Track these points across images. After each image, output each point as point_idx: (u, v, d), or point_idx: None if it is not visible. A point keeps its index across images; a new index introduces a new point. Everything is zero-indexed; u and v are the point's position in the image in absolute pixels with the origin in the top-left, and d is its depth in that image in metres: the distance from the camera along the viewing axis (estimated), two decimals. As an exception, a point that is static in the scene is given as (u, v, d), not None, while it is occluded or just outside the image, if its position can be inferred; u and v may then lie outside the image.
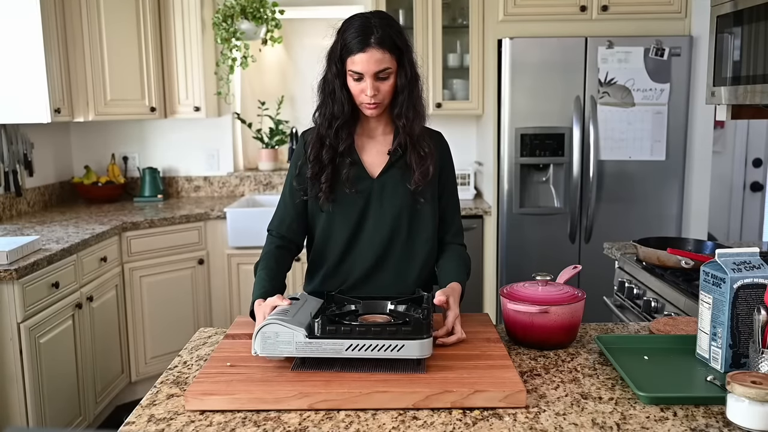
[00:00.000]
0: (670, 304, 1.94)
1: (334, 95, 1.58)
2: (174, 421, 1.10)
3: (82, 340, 2.74)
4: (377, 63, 1.50)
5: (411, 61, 1.57)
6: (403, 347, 1.20)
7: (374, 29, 1.50)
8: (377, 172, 1.63)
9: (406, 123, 1.58)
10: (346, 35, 1.53)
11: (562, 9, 3.33)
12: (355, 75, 1.53)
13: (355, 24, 1.53)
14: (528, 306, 1.39)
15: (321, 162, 1.60)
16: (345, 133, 1.60)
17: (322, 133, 1.61)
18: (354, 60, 1.51)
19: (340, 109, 1.58)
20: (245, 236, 3.40)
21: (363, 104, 1.56)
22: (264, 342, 1.21)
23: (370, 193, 1.62)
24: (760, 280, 1.22)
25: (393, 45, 1.52)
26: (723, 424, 1.06)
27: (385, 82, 1.53)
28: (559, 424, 1.07)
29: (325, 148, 1.60)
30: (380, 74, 1.51)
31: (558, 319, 1.38)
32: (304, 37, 4.07)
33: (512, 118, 3.30)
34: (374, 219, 1.63)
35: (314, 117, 1.66)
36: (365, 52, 1.49)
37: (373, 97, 1.53)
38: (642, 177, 3.35)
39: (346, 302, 1.43)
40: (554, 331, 1.39)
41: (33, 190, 3.50)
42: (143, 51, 3.49)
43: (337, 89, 1.57)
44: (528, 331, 1.40)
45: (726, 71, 2.07)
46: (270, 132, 4.02)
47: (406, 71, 1.55)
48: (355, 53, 1.50)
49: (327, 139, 1.60)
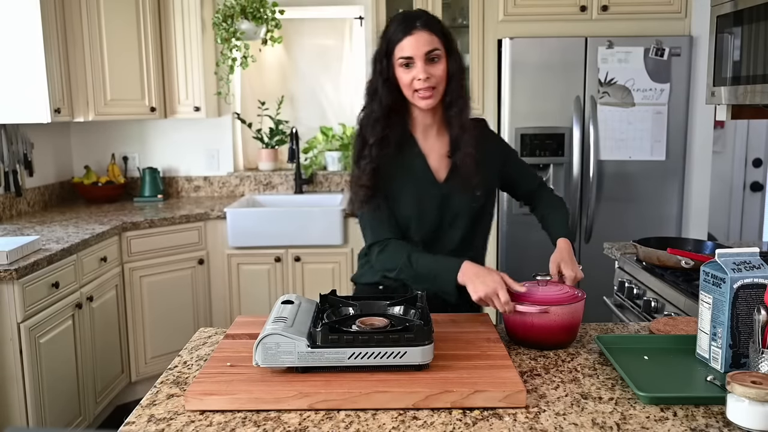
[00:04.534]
0: (670, 304, 1.94)
1: (375, 93, 1.57)
2: (174, 421, 1.10)
3: (82, 340, 2.74)
4: (426, 43, 1.49)
5: (457, 50, 1.57)
6: (405, 354, 1.20)
7: (419, 16, 1.52)
8: (443, 176, 1.64)
9: (456, 113, 1.57)
10: (390, 28, 1.54)
11: (562, 9, 3.33)
12: (404, 61, 1.51)
13: (398, 18, 1.55)
14: (528, 306, 1.39)
15: (365, 157, 1.58)
16: (381, 126, 1.58)
17: (364, 131, 1.60)
18: (402, 46, 1.50)
19: (378, 105, 1.57)
20: (245, 236, 3.40)
21: (416, 93, 1.53)
22: (265, 353, 1.20)
23: (441, 197, 1.63)
24: (760, 280, 1.22)
25: (439, 29, 1.52)
26: (723, 424, 1.06)
27: (436, 66, 1.52)
28: (559, 424, 1.07)
29: (367, 145, 1.59)
30: (430, 55, 1.50)
31: (558, 319, 1.38)
32: (304, 37, 4.07)
33: (512, 118, 3.30)
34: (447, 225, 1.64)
35: (358, 119, 1.65)
36: (413, 35, 1.49)
37: (427, 80, 1.50)
38: (642, 177, 3.35)
39: (341, 304, 1.43)
40: (554, 331, 1.39)
41: (33, 190, 3.50)
42: (143, 51, 3.49)
43: (379, 86, 1.56)
44: (528, 331, 1.40)
45: (726, 71, 2.07)
46: (270, 132, 4.02)
47: (456, 58, 1.55)
48: (402, 39, 1.50)
49: (371, 138, 1.59)
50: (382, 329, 1.26)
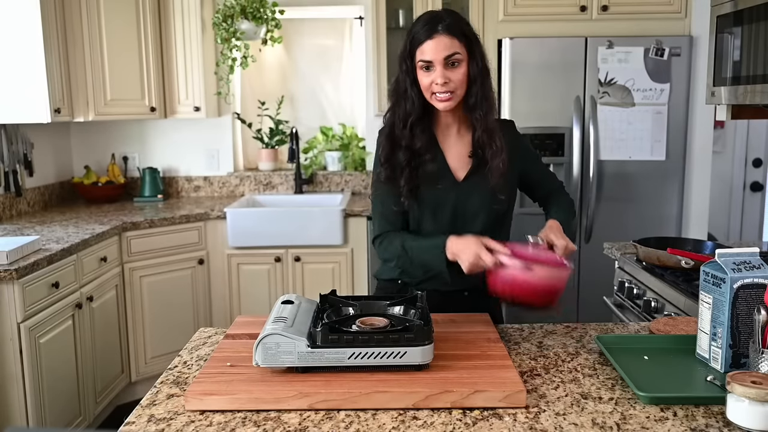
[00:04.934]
0: (670, 304, 1.94)
1: (406, 93, 1.56)
2: (174, 421, 1.10)
3: (82, 340, 2.74)
4: (446, 48, 1.49)
5: (481, 52, 1.56)
6: (405, 354, 1.20)
7: (442, 18, 1.51)
8: (462, 175, 1.63)
9: (480, 115, 1.56)
10: (414, 29, 1.53)
11: (562, 9, 3.33)
12: (424, 65, 1.51)
13: (423, 18, 1.54)
14: (513, 260, 1.40)
15: (395, 164, 1.59)
16: (419, 130, 1.58)
17: (397, 134, 1.59)
18: (423, 49, 1.50)
19: (411, 107, 1.56)
20: (245, 236, 3.40)
21: (435, 96, 1.53)
22: (265, 353, 1.20)
23: (457, 196, 1.62)
24: (760, 280, 1.22)
25: (461, 33, 1.51)
26: (723, 424, 1.06)
27: (456, 71, 1.51)
28: (559, 424, 1.07)
29: (402, 150, 1.58)
30: (450, 60, 1.50)
31: (540, 280, 1.39)
32: (304, 37, 4.07)
33: (512, 118, 3.27)
34: (462, 223, 1.63)
35: (385, 118, 1.64)
36: (433, 39, 1.49)
37: (444, 84, 1.50)
38: (642, 177, 3.35)
39: (341, 304, 1.43)
40: (538, 290, 1.40)
41: (33, 190, 3.50)
42: (143, 51, 3.49)
43: (408, 87, 1.55)
44: (508, 286, 1.41)
45: (726, 71, 2.07)
46: (270, 132, 4.02)
47: (477, 61, 1.54)
48: (423, 41, 1.50)
49: (403, 140, 1.58)
50: (382, 329, 1.26)
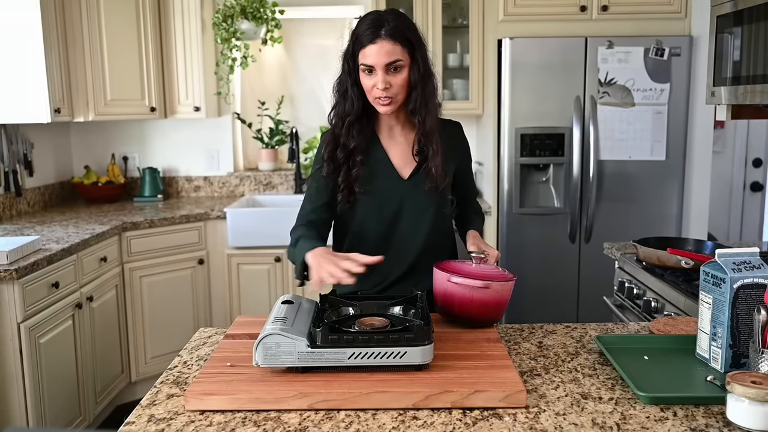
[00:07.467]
0: (670, 304, 1.94)
1: (347, 93, 1.58)
2: (174, 421, 1.10)
3: (82, 340, 2.74)
4: (387, 54, 1.49)
5: (424, 56, 1.56)
6: (405, 354, 1.20)
7: (386, 22, 1.50)
8: (407, 173, 1.64)
9: (420, 120, 1.57)
10: (358, 29, 1.53)
11: (562, 9, 3.33)
12: (366, 68, 1.52)
13: (367, 19, 1.54)
14: (471, 280, 1.41)
15: (335, 161, 1.61)
16: (356, 131, 1.59)
17: (337, 132, 1.61)
18: (365, 53, 1.50)
19: (350, 107, 1.57)
20: (245, 236, 3.40)
21: (376, 100, 1.55)
22: (265, 353, 1.20)
23: (403, 194, 1.63)
24: (760, 280, 1.22)
25: (404, 38, 1.51)
26: (723, 424, 1.06)
27: (397, 76, 1.52)
28: (559, 424, 1.07)
29: (340, 147, 1.60)
30: (391, 66, 1.50)
31: (496, 296, 1.42)
32: (304, 37, 4.07)
33: (512, 118, 3.30)
34: (408, 221, 1.64)
35: (329, 117, 1.66)
36: (375, 44, 1.49)
37: (385, 90, 1.51)
38: (642, 177, 3.35)
39: (341, 304, 1.43)
40: (491, 306, 1.43)
41: (33, 190, 3.50)
42: (143, 51, 3.49)
43: (349, 87, 1.57)
44: (466, 305, 1.42)
45: (726, 71, 2.07)
46: (270, 132, 4.02)
47: (419, 66, 1.54)
48: (366, 45, 1.50)
49: (341, 138, 1.60)
50: (382, 329, 1.26)
